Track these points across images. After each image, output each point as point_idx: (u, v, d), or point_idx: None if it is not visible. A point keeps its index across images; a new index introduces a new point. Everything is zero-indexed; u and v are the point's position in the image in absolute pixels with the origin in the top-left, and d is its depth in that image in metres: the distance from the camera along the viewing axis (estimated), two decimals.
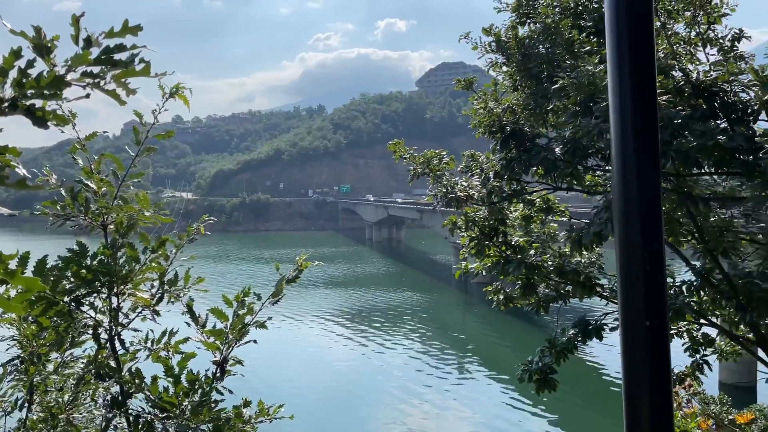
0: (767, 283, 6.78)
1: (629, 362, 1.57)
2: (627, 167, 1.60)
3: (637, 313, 1.55)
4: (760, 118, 5.08)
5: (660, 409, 1.54)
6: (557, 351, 6.72)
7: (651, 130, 1.62)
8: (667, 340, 1.55)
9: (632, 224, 1.59)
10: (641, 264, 1.55)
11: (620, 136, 1.61)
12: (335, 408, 26.43)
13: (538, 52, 5.85)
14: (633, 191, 1.58)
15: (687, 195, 5.43)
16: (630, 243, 1.58)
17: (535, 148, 5.92)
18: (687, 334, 7.74)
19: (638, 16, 1.61)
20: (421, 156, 7.01)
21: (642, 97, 1.60)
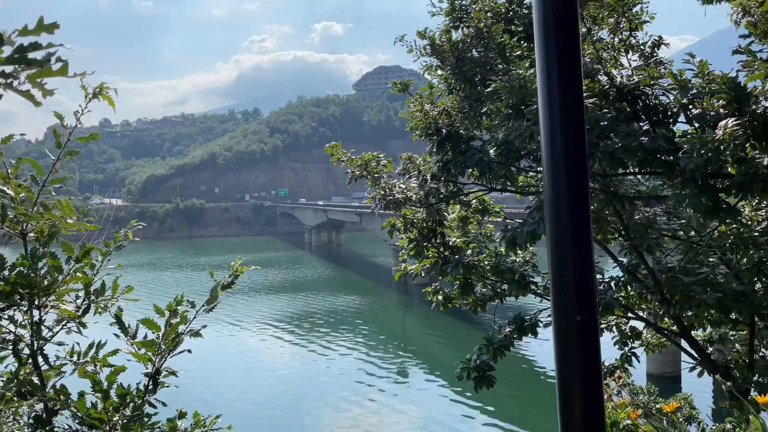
0: (688, 277, 7.17)
1: (562, 356, 1.62)
2: (556, 168, 1.65)
3: (568, 308, 1.60)
4: (680, 120, 5.36)
5: (591, 400, 1.59)
6: (494, 348, 6.87)
7: (578, 132, 1.68)
8: (597, 334, 1.61)
9: (562, 223, 1.63)
10: (571, 261, 1.60)
11: (549, 138, 1.66)
12: (279, 414, 26.09)
13: (471, 56, 5.98)
14: (562, 191, 1.63)
15: (613, 194, 5.67)
16: (560, 241, 1.63)
17: (470, 150, 6.04)
18: (616, 328, 8.08)
19: (565, 23, 1.66)
20: (359, 159, 7.02)
21: (570, 100, 1.66)
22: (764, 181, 4.52)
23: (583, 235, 1.62)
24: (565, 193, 1.63)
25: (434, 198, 6.92)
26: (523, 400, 26.44)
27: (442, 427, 23.84)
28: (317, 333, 41.45)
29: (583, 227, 1.63)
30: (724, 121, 4.33)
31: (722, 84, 4.65)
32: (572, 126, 1.66)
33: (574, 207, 1.63)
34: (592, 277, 1.62)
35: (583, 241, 1.61)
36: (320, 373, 31.88)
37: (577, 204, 1.63)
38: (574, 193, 1.63)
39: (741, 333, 8.87)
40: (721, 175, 4.74)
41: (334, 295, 58.12)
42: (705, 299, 6.71)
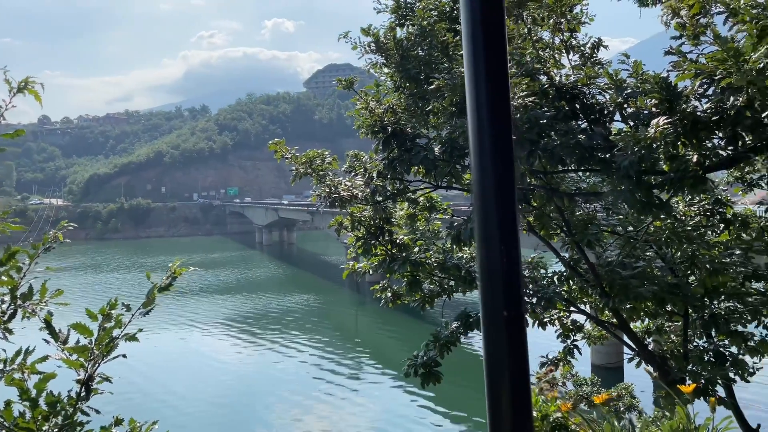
0: (626, 271, 7.43)
1: (490, 350, 1.64)
2: (484, 167, 1.67)
3: (496, 303, 1.62)
4: (616, 119, 5.54)
5: (519, 394, 1.62)
6: (441, 344, 6.95)
7: (505, 131, 1.70)
8: (524, 328, 1.63)
9: (490, 220, 1.66)
10: (499, 257, 1.62)
11: (477, 138, 1.67)
12: (232, 416, 25.74)
13: (416, 54, 6.02)
14: (490, 189, 1.65)
15: (554, 191, 5.82)
16: (488, 238, 1.65)
17: (415, 148, 6.08)
18: (558, 321, 8.29)
19: (491, 25, 1.69)
20: (304, 156, 6.96)
21: (497, 100, 1.68)
22: (693, 177, 4.72)
23: (510, 232, 1.65)
24: (492, 190, 1.65)
25: (381, 195, 6.93)
26: (476, 393, 26.89)
27: (397, 421, 23.99)
28: (270, 333, 41.06)
29: (510, 224, 1.65)
30: (656, 120, 4.50)
31: (654, 84, 4.82)
32: (499, 125, 1.68)
33: (501, 204, 1.65)
34: (519, 273, 1.64)
35: (510, 237, 1.64)
36: (274, 373, 31.59)
37: (504, 202, 1.65)
38: (502, 191, 1.65)
39: (676, 324, 9.25)
40: (655, 172, 4.93)
41: (287, 295, 57.63)
42: (641, 292, 6.97)
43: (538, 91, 5.41)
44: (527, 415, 1.61)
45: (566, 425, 2.11)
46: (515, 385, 1.61)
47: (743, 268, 8.06)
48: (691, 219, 8.41)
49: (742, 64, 3.85)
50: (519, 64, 5.50)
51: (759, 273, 8.19)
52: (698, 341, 8.81)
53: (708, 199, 8.68)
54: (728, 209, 8.84)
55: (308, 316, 47.55)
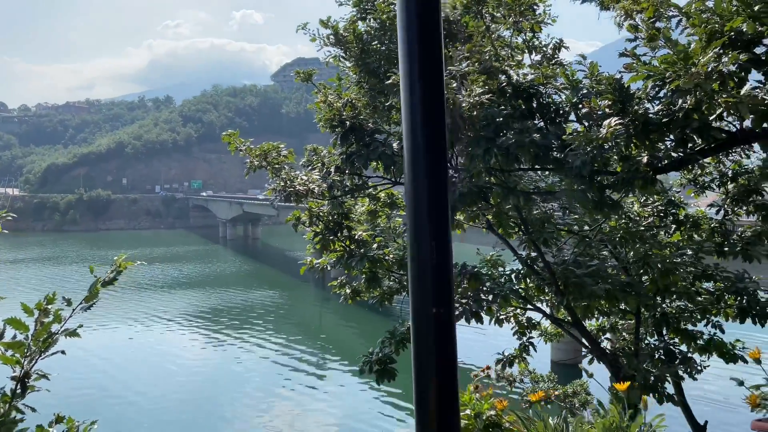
0: (581, 269, 7.55)
1: (418, 347, 1.60)
2: (416, 161, 1.63)
3: (425, 300, 1.58)
4: (572, 119, 5.60)
5: (446, 392, 1.59)
6: (396, 341, 6.93)
7: (438, 127, 1.66)
8: (453, 326, 1.60)
9: (420, 215, 1.62)
10: (429, 253, 1.58)
11: (411, 133, 1.63)
12: (193, 414, 25.33)
13: (376, 47, 5.97)
14: (422, 185, 1.61)
15: (510, 189, 5.85)
16: (419, 233, 1.61)
17: (374, 143, 6.04)
18: (513, 318, 8.37)
19: (427, 24, 1.65)
20: (258, 148, 6.84)
21: (431, 95, 1.64)
22: (643, 178, 4.79)
23: (441, 228, 1.61)
24: (424, 186, 1.61)
25: (338, 191, 6.87)
26: None
27: (361, 417, 23.99)
28: (233, 329, 40.61)
29: (441, 220, 1.62)
30: (607, 120, 4.55)
31: (608, 85, 4.88)
32: (433, 119, 1.64)
33: (433, 199, 1.62)
34: (450, 270, 1.61)
35: (441, 234, 1.61)
36: (236, 368, 31.26)
37: (436, 196, 1.62)
38: (433, 187, 1.61)
39: (630, 322, 9.45)
40: (607, 172, 4.99)
41: (250, 290, 57.06)
42: (595, 290, 7.08)
43: (496, 89, 5.43)
44: (454, 413, 1.58)
45: (500, 423, 2.10)
46: (442, 383, 1.58)
47: (693, 268, 8.28)
48: (644, 219, 8.60)
49: (691, 67, 3.92)
50: (478, 61, 5.51)
51: (708, 273, 8.42)
52: (650, 339, 9.03)
53: (661, 200, 8.88)
54: (681, 210, 9.06)
55: (272, 311, 47.19)
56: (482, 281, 7.06)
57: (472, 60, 5.48)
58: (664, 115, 4.75)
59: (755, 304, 7.70)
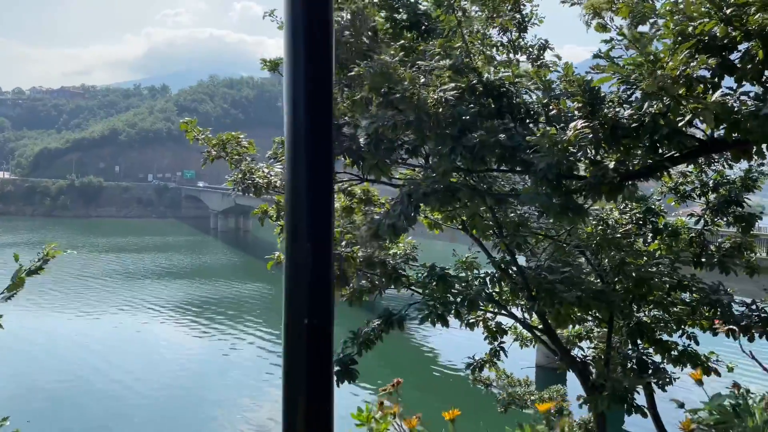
0: (553, 275, 7.39)
1: (288, 364, 1.41)
2: (297, 151, 1.45)
3: (298, 308, 1.40)
4: (541, 121, 5.43)
5: (318, 414, 1.40)
6: (360, 342, 6.75)
7: (324, 117, 1.48)
8: (330, 340, 1.42)
9: (299, 213, 1.44)
10: (305, 257, 1.40)
11: (293, 126, 1.45)
12: (180, 403, 25.16)
13: (346, 39, 5.76)
14: (302, 179, 1.43)
15: (477, 190, 5.67)
16: (296, 233, 1.43)
17: (340, 137, 5.84)
18: (483, 323, 8.21)
19: (316, 20, 1.47)
20: (217, 138, 6.62)
21: (316, 89, 1.46)
22: (611, 184, 4.62)
23: (321, 228, 1.43)
24: (304, 179, 1.43)
25: None
26: (423, 389, 27.15)
27: (343, 411, 23.81)
28: (221, 321, 40.46)
29: (322, 219, 1.43)
30: (574, 123, 4.38)
31: (578, 87, 4.71)
32: (318, 114, 1.46)
33: (313, 196, 1.43)
34: (328, 276, 1.43)
35: (320, 234, 1.42)
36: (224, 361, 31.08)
37: (316, 193, 1.44)
38: (315, 181, 1.43)
39: (604, 330, 9.31)
40: (573, 176, 4.83)
41: (239, 282, 56.77)
42: (566, 297, 6.92)
43: (465, 86, 5.24)
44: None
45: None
46: (314, 408, 1.39)
47: (669, 278, 8.14)
48: (622, 227, 8.45)
49: (658, 69, 3.75)
50: (449, 57, 5.33)
51: (684, 284, 8.29)
52: (624, 349, 8.89)
53: (640, 207, 8.74)
54: (660, 219, 8.92)
55: (261, 304, 46.98)
56: (450, 284, 6.88)
57: (443, 56, 5.30)
58: (634, 119, 4.58)
59: (729, 317, 7.57)
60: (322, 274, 1.41)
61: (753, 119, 3.44)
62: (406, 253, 8.67)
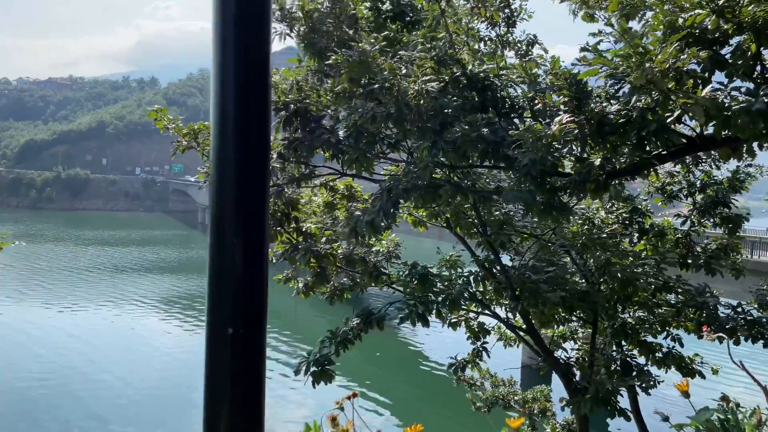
0: (537, 275, 7.22)
1: (210, 381, 1.22)
2: (224, 127, 1.25)
3: (222, 315, 1.20)
4: (526, 115, 5.25)
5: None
6: (338, 341, 6.55)
7: (261, 103, 1.28)
8: (261, 352, 1.22)
9: (225, 204, 1.24)
10: (231, 256, 1.20)
11: (220, 113, 1.25)
12: (164, 398, 24.87)
13: (326, 28, 5.55)
14: (230, 165, 1.23)
15: (459, 187, 5.48)
16: (221, 227, 1.23)
17: (319, 129, 5.63)
18: (465, 323, 8.04)
19: None
20: (188, 127, 6.36)
21: (250, 76, 1.26)
22: (596, 182, 4.45)
23: (253, 222, 1.23)
24: (232, 165, 1.23)
25: (281, 179, 6.45)
26: (411, 386, 27.17)
27: (328, 407, 23.62)
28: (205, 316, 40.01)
29: (254, 212, 1.24)
30: (559, 117, 4.20)
31: (564, 80, 4.53)
32: (253, 101, 1.26)
33: (243, 184, 1.23)
34: (261, 278, 1.23)
35: (251, 230, 1.22)
36: None
37: (248, 181, 1.24)
38: (246, 169, 1.23)
39: (589, 331, 9.18)
40: (557, 173, 4.66)
41: None
42: (550, 297, 6.76)
43: (449, 78, 5.05)
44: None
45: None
46: (241, 423, 1.19)
47: (654, 279, 8.02)
48: (608, 226, 8.31)
49: (646, 62, 3.57)
50: (432, 48, 5.14)
51: (669, 285, 8.17)
52: (608, 350, 8.76)
53: (626, 207, 8.61)
54: (647, 219, 8.80)
55: None
56: (432, 283, 6.70)
57: (425, 46, 5.11)
58: (621, 115, 4.41)
59: (714, 320, 7.45)
60: (251, 275, 1.21)
61: (744, 115, 3.28)
62: (389, 251, 8.48)
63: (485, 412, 11.12)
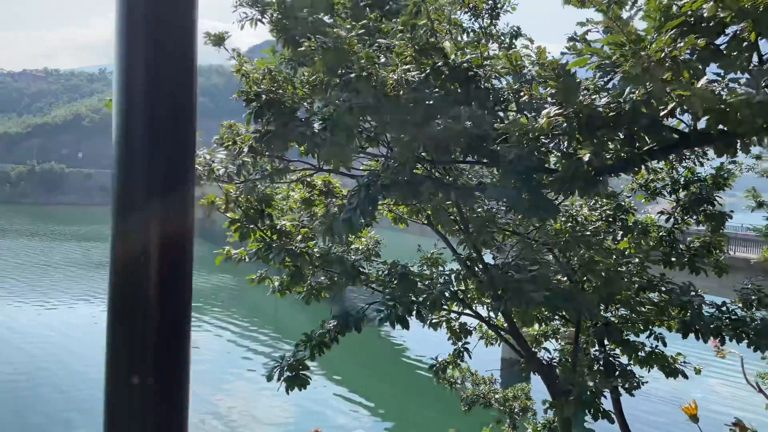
0: (520, 274, 7.00)
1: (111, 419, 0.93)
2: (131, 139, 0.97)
3: (127, 357, 0.92)
4: (512, 108, 5.01)
5: None
6: (313, 345, 6.26)
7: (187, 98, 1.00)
8: (182, 410, 0.94)
9: (130, 195, 0.95)
10: (138, 266, 0.92)
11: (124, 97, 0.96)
12: None
13: (300, 14, 5.23)
14: (139, 169, 0.95)
15: (441, 183, 5.23)
16: (125, 235, 0.94)
17: (293, 121, 5.32)
18: (446, 324, 7.80)
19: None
20: None
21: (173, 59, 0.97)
22: (584, 179, 4.23)
23: (173, 239, 0.95)
24: (142, 171, 0.95)
25: (255, 173, 6.13)
26: (393, 384, 27.05)
27: (313, 408, 23.37)
28: None
29: (176, 224, 0.96)
30: (546, 110, 3.96)
31: (551, 71, 4.28)
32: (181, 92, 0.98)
33: (158, 193, 0.95)
34: (183, 303, 0.95)
35: (172, 252, 0.94)
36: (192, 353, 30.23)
37: (173, 191, 0.96)
38: (155, 173, 0.95)
39: (571, 330, 9.02)
40: (543, 169, 4.42)
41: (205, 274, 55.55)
42: (533, 297, 6.53)
43: (430, 68, 4.78)
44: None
45: None
46: None
47: (638, 278, 7.87)
48: (592, 224, 8.13)
49: (640, 50, 3.34)
50: (412, 37, 4.86)
51: (653, 283, 8.03)
52: (590, 349, 8.61)
53: (610, 204, 8.45)
54: (630, 216, 8.64)
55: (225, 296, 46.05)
56: (412, 283, 6.44)
57: (405, 34, 4.83)
58: (611, 109, 4.17)
59: (698, 320, 7.31)
60: (172, 305, 0.92)
61: (745, 108, 3.06)
62: (368, 249, 8.21)
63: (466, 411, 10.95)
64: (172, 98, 0.94)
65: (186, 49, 0.96)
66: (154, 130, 0.92)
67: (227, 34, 5.85)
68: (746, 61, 3.72)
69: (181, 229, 0.93)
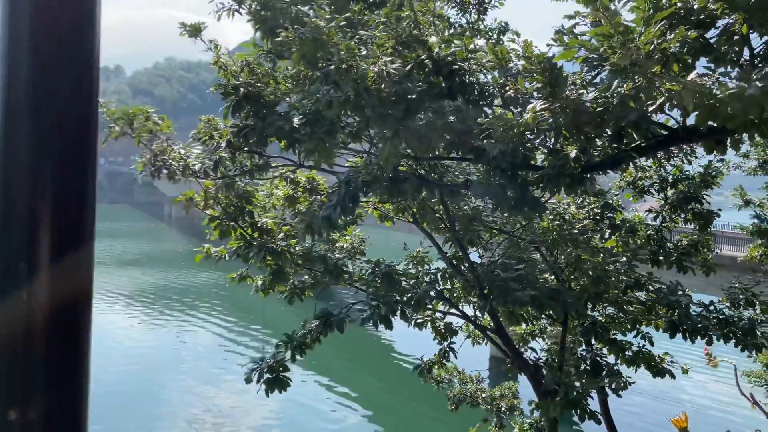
0: (507, 273, 6.88)
1: None
2: None
3: (5, 387, 0.76)
4: (497, 103, 4.88)
5: None
6: (294, 346, 6.10)
7: None
8: None
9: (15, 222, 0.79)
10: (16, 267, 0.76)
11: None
12: (129, 395, 24.11)
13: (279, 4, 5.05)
14: (21, 164, 0.79)
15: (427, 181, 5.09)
16: None
17: (272, 116, 5.15)
18: (431, 324, 7.67)
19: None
20: (121, 110, 5.78)
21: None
22: (571, 176, 4.10)
23: (66, 238, 0.80)
24: (23, 165, 0.79)
25: (233, 170, 5.95)
26: (381, 379, 27.02)
27: (302, 404, 23.24)
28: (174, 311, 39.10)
29: (69, 222, 0.80)
30: (532, 104, 3.82)
31: (537, 64, 4.14)
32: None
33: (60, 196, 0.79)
34: (82, 323, 0.80)
35: (64, 254, 0.79)
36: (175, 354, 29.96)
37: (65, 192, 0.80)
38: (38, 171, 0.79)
39: (559, 329, 8.92)
40: (531, 166, 4.29)
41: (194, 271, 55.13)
42: (520, 296, 6.42)
43: (413, 61, 4.63)
44: None
45: None
46: None
47: (626, 276, 7.78)
48: (579, 222, 8.03)
49: (629, 42, 3.21)
50: (394, 29, 4.71)
51: (641, 282, 7.95)
52: (577, 348, 8.52)
53: (598, 202, 8.35)
54: (618, 215, 8.56)
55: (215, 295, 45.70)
56: (396, 282, 6.30)
57: (387, 27, 4.68)
58: (599, 103, 4.04)
59: (686, 319, 7.23)
60: (65, 320, 0.77)
61: (736, 101, 2.94)
62: (353, 247, 8.05)
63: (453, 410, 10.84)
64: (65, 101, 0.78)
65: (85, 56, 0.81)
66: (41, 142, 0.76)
67: (204, 25, 5.66)
68: (737, 55, 3.60)
69: (78, 223, 0.78)
